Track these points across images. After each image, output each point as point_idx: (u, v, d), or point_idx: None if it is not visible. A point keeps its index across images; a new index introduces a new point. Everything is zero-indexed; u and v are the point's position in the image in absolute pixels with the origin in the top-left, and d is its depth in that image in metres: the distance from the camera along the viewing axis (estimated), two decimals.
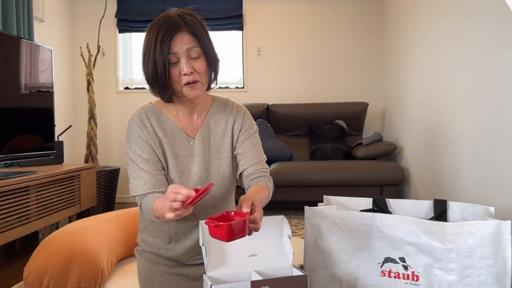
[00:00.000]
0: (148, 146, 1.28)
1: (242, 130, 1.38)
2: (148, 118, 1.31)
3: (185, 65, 1.20)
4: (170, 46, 1.18)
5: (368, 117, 4.37)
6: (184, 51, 1.20)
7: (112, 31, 4.45)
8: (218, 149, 1.36)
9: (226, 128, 1.37)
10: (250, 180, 1.34)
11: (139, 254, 1.45)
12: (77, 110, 4.44)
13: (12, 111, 2.59)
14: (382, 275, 1.31)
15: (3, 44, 2.49)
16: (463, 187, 2.60)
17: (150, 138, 1.29)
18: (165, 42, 1.18)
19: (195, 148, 1.33)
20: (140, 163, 1.27)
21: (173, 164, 1.30)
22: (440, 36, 2.96)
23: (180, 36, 1.20)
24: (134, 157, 1.28)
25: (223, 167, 1.35)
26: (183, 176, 1.31)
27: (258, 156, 1.37)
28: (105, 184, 3.64)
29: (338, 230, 1.34)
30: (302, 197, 3.57)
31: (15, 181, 2.33)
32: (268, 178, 1.36)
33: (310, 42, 4.47)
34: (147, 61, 1.22)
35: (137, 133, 1.29)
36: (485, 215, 1.31)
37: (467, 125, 2.56)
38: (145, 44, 1.23)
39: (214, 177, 1.34)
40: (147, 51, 1.22)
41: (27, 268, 1.62)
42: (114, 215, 2.07)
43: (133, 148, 1.28)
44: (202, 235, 1.18)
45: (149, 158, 1.27)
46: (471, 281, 1.20)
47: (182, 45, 1.20)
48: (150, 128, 1.30)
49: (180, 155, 1.32)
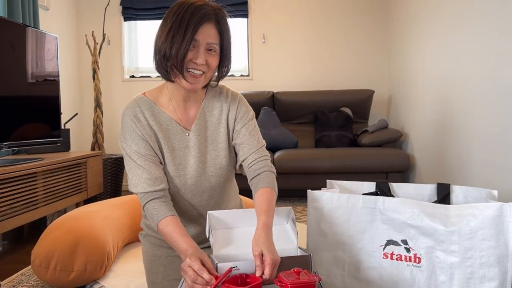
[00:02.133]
0: (143, 141, 1.27)
1: (237, 119, 1.36)
2: (142, 111, 1.29)
3: (201, 56, 1.20)
4: (196, 32, 1.18)
5: (373, 105, 4.35)
6: (205, 43, 1.20)
7: (117, 19, 4.45)
8: (214, 139, 1.35)
9: (221, 118, 1.35)
10: (252, 171, 1.32)
11: (143, 238, 1.46)
12: (83, 98, 4.46)
13: (19, 100, 2.61)
14: (384, 257, 1.32)
15: (9, 32, 2.50)
16: (469, 173, 2.59)
17: (145, 132, 1.28)
18: (194, 27, 1.17)
19: (190, 140, 1.32)
20: (137, 159, 1.26)
21: (169, 157, 1.30)
22: (446, 23, 2.92)
23: (208, 26, 1.20)
24: (130, 153, 1.27)
25: (219, 158, 1.34)
26: (179, 169, 1.30)
27: (256, 143, 1.35)
28: (111, 172, 3.67)
29: (341, 213, 1.35)
30: (307, 184, 3.58)
31: (23, 167, 2.36)
32: (270, 167, 1.34)
33: (315, 29, 4.44)
34: (173, 37, 1.17)
35: (132, 128, 1.27)
36: (488, 198, 1.31)
37: (472, 111, 2.55)
38: (173, 21, 1.18)
39: (211, 168, 1.33)
40: (175, 27, 1.17)
41: (34, 251, 1.65)
42: (120, 201, 2.10)
43: (129, 144, 1.27)
44: (209, 224, 1.20)
45: (146, 154, 1.26)
46: (473, 262, 1.20)
47: (207, 37, 1.20)
48: (144, 122, 1.28)
49: (176, 148, 1.31)
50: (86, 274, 1.60)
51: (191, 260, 1.02)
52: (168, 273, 1.36)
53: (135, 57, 4.55)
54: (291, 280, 0.93)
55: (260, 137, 1.38)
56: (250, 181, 1.32)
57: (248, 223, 1.24)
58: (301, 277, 0.95)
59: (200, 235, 1.40)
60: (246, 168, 1.34)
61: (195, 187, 1.33)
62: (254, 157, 1.33)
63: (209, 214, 1.22)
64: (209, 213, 1.22)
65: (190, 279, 1.00)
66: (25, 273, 2.03)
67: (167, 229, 1.17)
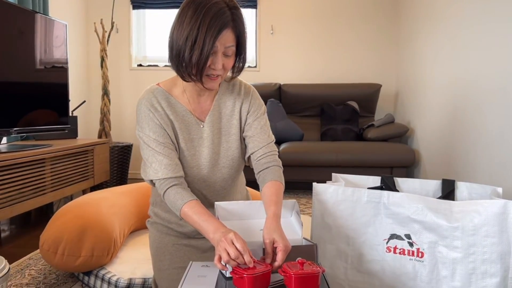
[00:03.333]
0: (162, 130, 1.28)
1: (250, 112, 1.38)
2: (158, 101, 1.31)
3: (219, 62, 1.20)
4: (215, 42, 1.16)
5: (380, 99, 4.34)
6: (223, 47, 1.20)
7: (126, 7, 4.45)
8: (227, 131, 1.36)
9: (234, 110, 1.37)
10: (260, 165, 1.34)
11: (150, 225, 1.48)
12: (91, 86, 4.49)
13: (27, 86, 2.63)
14: (387, 251, 1.34)
15: (19, 18, 2.51)
16: (474, 170, 2.59)
17: (163, 121, 1.29)
18: (213, 37, 1.15)
19: (204, 132, 1.34)
20: (156, 147, 1.27)
21: (185, 147, 1.32)
22: (456, 20, 2.91)
23: (226, 34, 1.18)
24: (149, 141, 1.28)
25: (232, 150, 1.36)
26: (193, 159, 1.32)
27: (266, 138, 1.37)
28: (118, 160, 3.70)
29: (345, 207, 1.36)
30: (312, 177, 3.59)
31: (31, 153, 2.39)
32: (277, 162, 1.35)
33: (324, 22, 4.42)
34: (192, 46, 1.16)
35: (149, 117, 1.29)
36: (493, 195, 1.32)
37: (480, 109, 2.54)
38: (192, 27, 1.16)
39: (223, 159, 1.35)
40: (194, 35, 1.16)
41: (43, 236, 1.68)
42: (127, 189, 2.12)
43: (147, 132, 1.28)
44: (217, 215, 1.22)
45: (165, 142, 1.28)
46: (475, 258, 1.21)
47: (225, 42, 1.19)
48: (161, 111, 1.30)
49: (191, 138, 1.33)
50: (93, 259, 1.63)
51: (236, 238, 1.02)
52: (174, 261, 1.39)
53: (143, 45, 4.56)
54: (295, 271, 0.94)
55: (270, 132, 1.40)
56: (258, 174, 1.34)
57: (254, 214, 1.26)
58: (305, 268, 0.96)
59: None
60: (254, 161, 1.36)
61: (207, 178, 1.35)
62: (264, 151, 1.35)
63: (216, 205, 1.24)
64: (216, 204, 1.24)
65: (232, 255, 0.99)
66: (33, 257, 2.07)
67: (194, 210, 1.17)
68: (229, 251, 1.00)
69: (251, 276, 0.94)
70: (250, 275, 0.94)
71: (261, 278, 0.96)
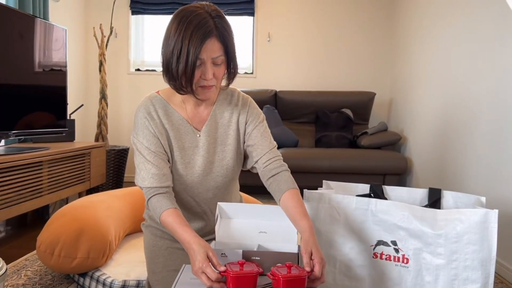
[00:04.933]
0: (155, 138, 1.32)
1: (248, 122, 1.40)
2: (156, 109, 1.34)
3: (209, 72, 1.22)
4: (199, 52, 1.18)
5: (375, 107, 4.40)
6: (210, 58, 1.22)
7: (125, 13, 4.50)
8: (223, 141, 1.39)
9: (231, 121, 1.40)
10: (268, 172, 1.36)
11: (145, 228, 1.51)
12: (89, 90, 4.53)
13: (26, 88, 2.67)
14: (374, 256, 1.38)
15: (19, 22, 2.56)
16: (464, 179, 2.65)
17: (157, 130, 1.32)
18: (197, 47, 1.18)
19: (200, 141, 1.37)
20: (147, 155, 1.31)
21: (179, 156, 1.35)
22: (450, 29, 2.97)
23: (211, 43, 1.20)
24: (141, 149, 1.32)
25: (227, 159, 1.39)
26: (188, 167, 1.35)
27: (269, 144, 1.40)
28: (114, 163, 3.73)
29: (335, 213, 1.41)
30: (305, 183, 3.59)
31: (29, 156, 2.42)
32: (284, 166, 1.38)
33: (320, 30, 4.49)
34: (178, 58, 1.19)
35: (145, 125, 1.32)
36: (476, 204, 1.37)
37: (472, 119, 2.60)
38: (176, 39, 1.19)
39: (217, 168, 1.38)
40: (178, 48, 1.19)
41: (40, 237, 1.72)
42: (122, 192, 2.16)
43: (141, 140, 1.32)
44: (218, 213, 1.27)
45: (156, 151, 1.31)
46: (457, 265, 1.26)
47: (212, 53, 1.21)
48: (157, 120, 1.33)
49: (186, 147, 1.36)
50: (88, 261, 1.66)
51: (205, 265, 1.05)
52: (168, 264, 1.42)
53: (141, 50, 4.60)
54: (283, 274, 0.99)
55: (271, 138, 1.43)
56: (267, 180, 1.36)
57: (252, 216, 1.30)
58: (292, 271, 1.00)
59: (203, 229, 1.46)
60: (260, 168, 1.38)
61: (201, 185, 1.38)
62: (268, 157, 1.37)
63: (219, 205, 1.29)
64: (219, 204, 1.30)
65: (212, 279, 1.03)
66: (29, 258, 2.10)
67: (169, 219, 1.22)
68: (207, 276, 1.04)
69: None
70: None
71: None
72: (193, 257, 1.09)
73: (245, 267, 1.02)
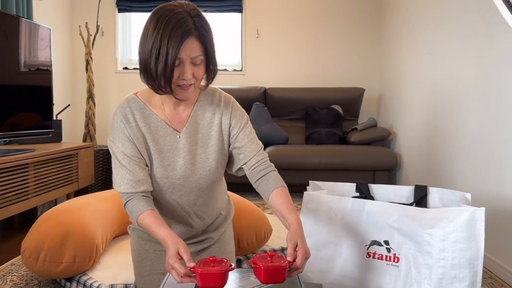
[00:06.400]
0: (130, 143, 1.30)
1: (232, 125, 1.38)
2: (132, 112, 1.31)
3: (188, 72, 1.20)
4: (178, 51, 1.16)
5: (364, 103, 4.41)
6: (189, 58, 1.19)
7: (111, 11, 4.45)
8: (204, 142, 1.37)
9: (213, 122, 1.37)
10: (256, 173, 1.36)
11: (131, 231, 1.50)
12: (75, 90, 4.47)
13: (11, 89, 2.63)
14: (367, 256, 1.39)
15: (2, 23, 2.51)
16: (452, 175, 2.66)
17: (133, 134, 1.30)
18: (176, 46, 1.15)
19: (180, 142, 1.34)
20: (122, 160, 1.29)
21: (158, 159, 1.32)
22: (438, 25, 2.97)
23: (189, 41, 1.17)
24: (117, 153, 1.30)
25: (209, 161, 1.36)
26: (168, 170, 1.33)
27: (255, 146, 1.38)
28: (103, 163, 3.70)
29: (332, 214, 1.41)
30: (296, 180, 3.62)
31: (14, 158, 2.38)
32: (272, 167, 1.38)
33: (309, 26, 4.48)
34: (156, 58, 1.17)
35: (120, 129, 1.30)
36: (462, 201, 1.37)
37: (460, 115, 2.61)
38: (154, 39, 1.16)
39: (200, 170, 1.36)
40: (157, 47, 1.16)
41: (24, 243, 1.69)
42: (110, 194, 2.13)
43: (116, 144, 1.30)
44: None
45: (131, 155, 1.29)
46: (445, 263, 1.26)
47: (190, 52, 1.18)
48: (133, 123, 1.31)
49: (165, 149, 1.33)
50: (74, 266, 1.64)
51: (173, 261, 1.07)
52: (155, 267, 1.41)
53: (128, 49, 4.56)
54: (264, 263, 1.00)
55: (257, 139, 1.41)
56: (256, 182, 1.36)
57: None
58: (274, 260, 1.02)
59: (188, 233, 1.45)
60: (248, 170, 1.37)
61: (182, 187, 1.36)
62: (257, 160, 1.37)
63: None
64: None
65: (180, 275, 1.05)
66: (15, 263, 2.07)
67: (145, 221, 1.22)
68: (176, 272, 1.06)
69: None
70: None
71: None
72: (166, 254, 1.11)
73: (216, 264, 1.03)
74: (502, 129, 2.11)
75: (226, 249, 1.53)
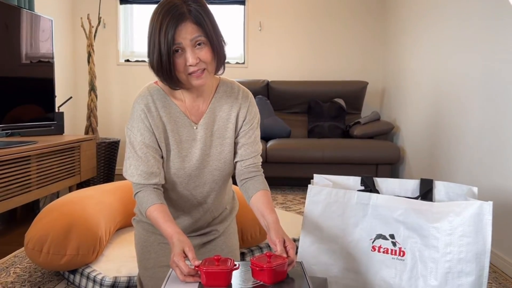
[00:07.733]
0: (149, 133, 1.29)
1: (246, 120, 1.38)
2: (154, 101, 1.30)
3: (190, 56, 1.18)
4: (174, 37, 1.16)
5: (367, 96, 4.38)
6: (188, 41, 1.18)
7: (113, 2, 4.42)
8: (221, 134, 1.37)
9: (230, 114, 1.37)
10: (246, 173, 1.37)
11: (136, 223, 1.49)
12: (77, 82, 4.46)
13: (13, 81, 2.61)
14: (372, 250, 1.38)
15: (4, 14, 2.49)
16: (456, 168, 2.64)
17: (153, 123, 1.29)
18: (169, 33, 1.15)
19: (198, 133, 1.34)
20: (139, 150, 1.28)
21: (176, 149, 1.32)
22: (442, 18, 2.95)
23: (184, 26, 1.17)
24: (134, 142, 1.29)
25: (224, 153, 1.37)
26: (185, 161, 1.33)
27: (257, 148, 1.40)
28: (105, 156, 3.69)
29: (336, 208, 1.41)
30: (298, 174, 3.62)
31: (17, 150, 2.38)
32: (262, 172, 1.41)
33: (312, 19, 4.44)
34: (152, 51, 1.19)
35: (140, 118, 1.29)
36: (468, 195, 1.36)
37: (464, 108, 2.59)
38: (150, 31, 1.20)
39: (215, 162, 1.36)
40: (152, 39, 1.19)
41: (28, 235, 1.68)
42: (113, 186, 2.13)
43: (135, 132, 1.29)
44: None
45: (149, 145, 1.29)
46: (452, 257, 1.25)
47: (187, 35, 1.17)
48: (155, 112, 1.29)
49: (183, 140, 1.33)
50: (78, 258, 1.64)
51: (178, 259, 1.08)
52: (160, 260, 1.40)
53: (130, 41, 4.53)
54: (267, 264, 1.03)
55: (260, 142, 1.43)
56: (243, 179, 1.38)
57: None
58: (272, 259, 1.05)
59: (196, 223, 1.45)
60: (240, 167, 1.38)
61: (197, 179, 1.37)
62: (253, 161, 1.38)
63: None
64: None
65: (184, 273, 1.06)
66: (18, 255, 2.07)
67: (154, 214, 1.23)
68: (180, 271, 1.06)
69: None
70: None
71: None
72: (172, 251, 1.12)
73: (221, 263, 1.04)
74: (506, 121, 2.10)
75: (231, 242, 1.53)
